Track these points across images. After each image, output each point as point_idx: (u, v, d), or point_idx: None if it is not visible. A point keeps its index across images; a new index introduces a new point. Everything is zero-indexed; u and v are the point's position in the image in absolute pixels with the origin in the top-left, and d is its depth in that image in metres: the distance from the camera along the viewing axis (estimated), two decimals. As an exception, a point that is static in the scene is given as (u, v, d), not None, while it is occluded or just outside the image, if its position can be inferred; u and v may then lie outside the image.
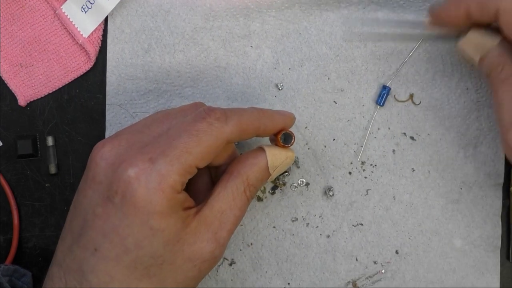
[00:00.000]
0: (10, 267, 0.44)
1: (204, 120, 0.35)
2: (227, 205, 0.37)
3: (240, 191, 0.37)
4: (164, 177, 0.33)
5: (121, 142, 0.36)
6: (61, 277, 0.35)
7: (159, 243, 0.34)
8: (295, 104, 0.45)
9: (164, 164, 0.33)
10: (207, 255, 0.36)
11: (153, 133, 0.36)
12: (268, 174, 0.39)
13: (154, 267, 0.34)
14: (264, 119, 0.38)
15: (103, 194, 0.34)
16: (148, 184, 0.33)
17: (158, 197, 0.33)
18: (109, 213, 0.34)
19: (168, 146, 0.34)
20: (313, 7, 0.45)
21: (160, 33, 0.46)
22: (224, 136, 0.35)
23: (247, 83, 0.46)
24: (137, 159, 0.34)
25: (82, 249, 0.34)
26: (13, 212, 0.46)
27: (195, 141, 0.34)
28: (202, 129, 0.35)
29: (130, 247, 0.33)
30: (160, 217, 0.33)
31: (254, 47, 0.46)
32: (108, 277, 0.34)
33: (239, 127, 0.36)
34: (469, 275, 0.45)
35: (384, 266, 0.45)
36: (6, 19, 0.46)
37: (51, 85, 0.46)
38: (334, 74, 0.45)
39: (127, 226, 0.33)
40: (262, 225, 0.46)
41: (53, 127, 0.47)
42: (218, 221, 0.36)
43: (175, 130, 0.35)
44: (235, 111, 0.37)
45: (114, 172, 0.34)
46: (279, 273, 0.45)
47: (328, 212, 0.45)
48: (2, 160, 0.47)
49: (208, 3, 0.45)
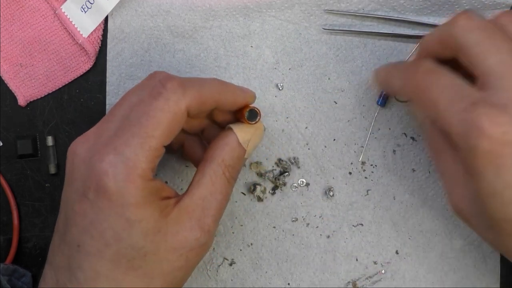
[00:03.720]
0: (10, 266, 0.44)
1: (160, 96, 0.34)
2: (207, 191, 0.36)
3: (219, 174, 0.37)
4: (131, 168, 0.33)
5: (90, 135, 0.36)
6: (52, 276, 0.35)
7: (138, 234, 0.33)
8: (296, 104, 0.45)
9: (129, 154, 0.33)
10: (193, 243, 0.35)
11: (117, 118, 0.36)
12: (243, 150, 0.38)
13: (137, 259, 0.34)
14: (225, 92, 0.37)
15: (79, 191, 0.34)
16: (116, 176, 0.33)
17: (128, 188, 0.33)
18: (86, 208, 0.34)
19: (130, 134, 0.34)
20: (313, 7, 0.45)
21: (160, 33, 0.46)
22: (183, 109, 0.35)
23: (247, 83, 0.46)
24: (104, 152, 0.34)
25: (68, 246, 0.35)
26: (13, 212, 0.46)
27: (154, 123, 0.34)
28: (159, 107, 0.34)
29: (110, 241, 0.33)
30: (135, 208, 0.33)
31: (254, 47, 0.46)
32: (94, 272, 0.34)
33: (198, 99, 0.35)
34: (469, 275, 0.45)
35: (384, 266, 0.45)
36: (6, 19, 0.46)
37: (51, 85, 0.46)
38: (335, 74, 0.45)
39: (104, 220, 0.33)
40: (262, 225, 0.46)
41: (53, 127, 0.47)
42: (201, 208, 0.36)
43: (135, 114, 0.34)
44: (194, 82, 0.36)
45: (87, 167, 0.34)
46: (279, 273, 0.45)
47: (328, 212, 0.45)
48: (2, 160, 0.47)
49: (208, 3, 0.45)
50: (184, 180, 0.46)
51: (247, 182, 0.46)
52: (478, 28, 0.34)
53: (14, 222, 0.46)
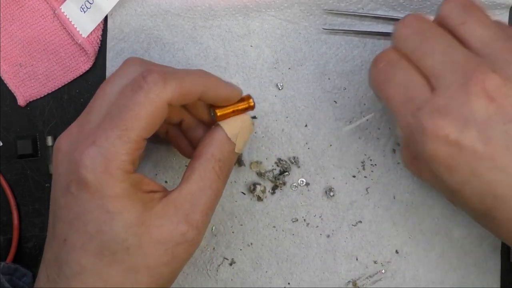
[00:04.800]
0: (11, 265, 0.44)
1: (141, 90, 0.34)
2: (196, 186, 0.36)
3: (208, 169, 0.37)
4: (110, 160, 0.33)
5: (73, 129, 0.36)
6: (44, 272, 0.36)
7: (119, 227, 0.33)
8: (295, 103, 0.45)
9: (108, 146, 0.33)
10: (178, 238, 0.35)
11: (98, 111, 0.36)
12: (232, 145, 0.38)
13: (120, 252, 0.34)
14: (209, 85, 0.37)
15: (63, 186, 0.34)
16: (95, 168, 0.33)
17: (107, 180, 0.33)
18: (70, 202, 0.34)
19: (110, 126, 0.34)
20: (312, 7, 0.45)
21: (159, 32, 0.46)
22: (164, 102, 0.34)
23: (247, 82, 0.46)
24: (83, 145, 0.34)
25: (56, 241, 0.35)
26: (13, 212, 0.46)
27: (133, 116, 0.34)
28: (139, 101, 0.34)
29: (93, 234, 0.33)
30: (115, 200, 0.33)
31: (253, 47, 0.45)
32: (79, 266, 0.34)
33: (179, 90, 0.35)
34: (469, 274, 0.45)
35: (384, 266, 0.45)
36: (6, 19, 0.46)
37: (50, 85, 0.46)
38: (334, 74, 0.45)
39: (87, 213, 0.33)
40: (262, 225, 0.46)
41: (53, 127, 0.47)
42: (189, 203, 0.36)
43: (115, 107, 0.34)
44: (176, 74, 0.36)
45: (68, 161, 0.34)
46: (279, 272, 0.45)
47: (328, 212, 0.45)
48: (2, 160, 0.47)
49: (207, 3, 0.45)
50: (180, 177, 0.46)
51: (247, 182, 0.46)
52: (413, 33, 0.36)
53: (14, 222, 0.46)
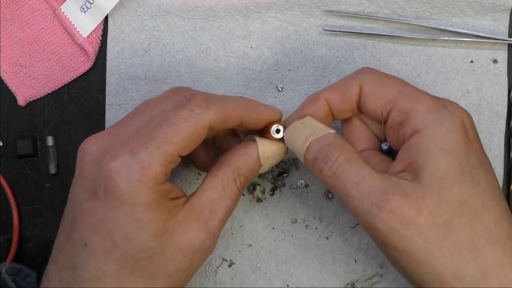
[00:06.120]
0: (16, 266, 0.44)
1: (184, 108, 0.34)
2: (217, 194, 0.36)
3: (230, 180, 0.37)
4: (146, 169, 0.33)
5: (106, 136, 0.36)
6: (56, 274, 0.35)
7: (147, 235, 0.34)
8: (295, 105, 0.45)
9: (145, 155, 0.33)
10: (197, 245, 0.35)
11: (136, 124, 0.36)
12: (259, 165, 0.38)
13: (144, 260, 0.34)
14: (249, 109, 0.37)
15: (88, 189, 0.34)
16: (130, 176, 0.33)
17: (141, 189, 0.33)
18: (95, 207, 0.34)
19: (149, 137, 0.34)
20: (313, 9, 0.45)
21: (159, 33, 0.46)
22: (205, 123, 0.35)
23: (247, 84, 0.45)
24: (119, 152, 0.33)
25: (74, 245, 0.35)
26: (13, 212, 0.46)
27: (174, 130, 0.34)
28: (181, 117, 0.34)
29: (118, 241, 0.33)
30: (146, 209, 0.33)
31: (254, 48, 0.45)
32: (99, 272, 0.34)
33: (221, 114, 0.35)
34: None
35: (383, 268, 0.45)
36: (6, 19, 0.46)
37: (50, 85, 0.46)
38: (334, 76, 0.45)
39: (113, 220, 0.33)
40: (261, 226, 0.46)
41: (53, 127, 0.47)
42: (208, 210, 0.36)
43: (156, 120, 0.35)
44: (219, 98, 0.36)
45: (98, 166, 0.34)
46: (278, 274, 0.45)
47: (327, 214, 0.45)
48: (2, 160, 0.47)
49: (208, 4, 0.45)
50: (183, 181, 0.46)
51: (246, 183, 0.46)
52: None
53: (14, 222, 0.46)
